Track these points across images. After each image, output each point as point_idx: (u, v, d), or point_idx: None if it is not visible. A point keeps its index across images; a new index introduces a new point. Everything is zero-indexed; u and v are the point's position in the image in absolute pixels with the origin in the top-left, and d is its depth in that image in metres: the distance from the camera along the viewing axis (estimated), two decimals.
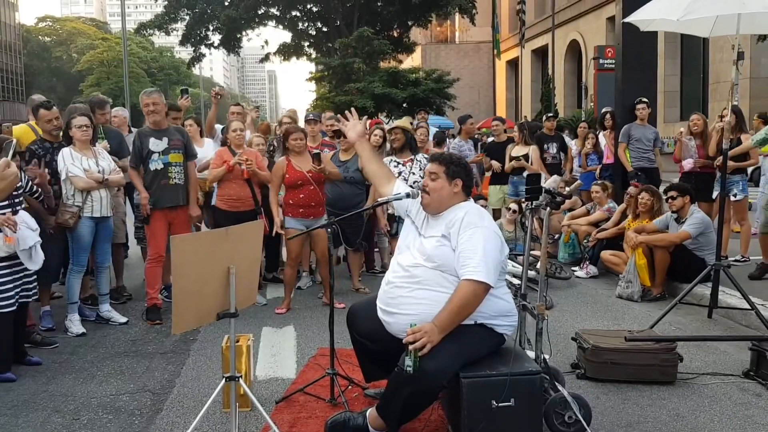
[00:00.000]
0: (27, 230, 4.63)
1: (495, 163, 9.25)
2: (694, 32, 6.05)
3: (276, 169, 6.38)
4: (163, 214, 5.98)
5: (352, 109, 4.29)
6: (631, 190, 7.85)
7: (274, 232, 6.24)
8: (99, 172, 5.69)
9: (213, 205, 6.62)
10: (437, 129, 12.16)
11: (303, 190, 6.16)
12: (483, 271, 3.27)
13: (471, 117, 10.34)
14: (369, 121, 10.15)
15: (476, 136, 10.73)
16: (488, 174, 9.97)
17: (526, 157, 9.00)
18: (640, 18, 5.83)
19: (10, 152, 3.70)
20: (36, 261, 4.71)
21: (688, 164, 8.13)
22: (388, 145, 7.64)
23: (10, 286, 4.58)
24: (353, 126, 4.10)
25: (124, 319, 5.95)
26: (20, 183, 4.76)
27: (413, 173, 6.72)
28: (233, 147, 6.39)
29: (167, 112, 6.66)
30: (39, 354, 4.99)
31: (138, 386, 4.44)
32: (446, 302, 3.32)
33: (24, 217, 4.68)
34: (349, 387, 4.17)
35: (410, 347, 3.18)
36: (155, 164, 5.95)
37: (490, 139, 11.00)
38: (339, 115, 4.33)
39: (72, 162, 5.58)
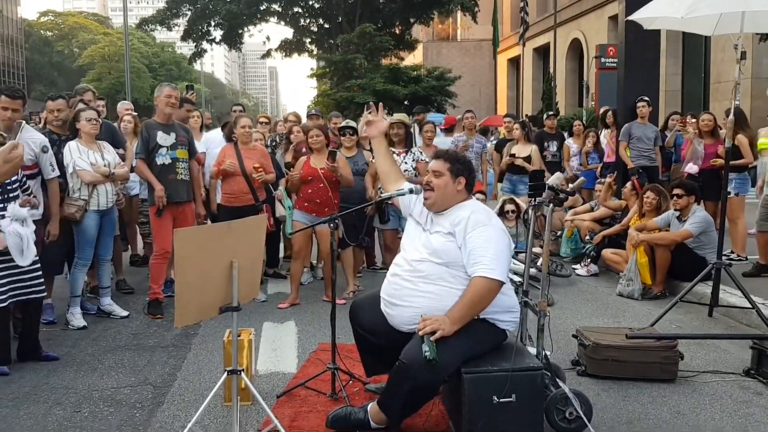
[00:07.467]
0: (16, 224, 4.45)
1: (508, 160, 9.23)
2: (697, 31, 6.05)
3: (297, 163, 6.51)
4: (169, 209, 5.96)
5: (380, 104, 4.29)
6: (629, 185, 7.86)
7: None
8: (105, 165, 5.70)
9: (218, 203, 6.66)
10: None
11: (312, 185, 6.25)
12: (497, 269, 3.32)
13: (470, 111, 10.17)
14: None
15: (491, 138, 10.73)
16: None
17: (528, 159, 9.00)
18: (643, 16, 5.83)
19: (18, 134, 3.67)
20: (27, 257, 4.51)
21: (692, 169, 8.14)
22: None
23: (4, 281, 4.49)
24: (377, 123, 4.07)
25: (125, 313, 5.95)
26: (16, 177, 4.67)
27: (405, 162, 6.94)
28: (240, 144, 6.43)
29: (182, 104, 6.76)
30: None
31: (139, 379, 4.44)
32: (459, 297, 3.35)
33: (14, 211, 4.50)
34: (350, 382, 4.18)
35: (421, 332, 3.20)
36: (163, 159, 5.94)
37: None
38: (371, 102, 4.35)
39: (79, 156, 5.58)
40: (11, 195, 4.57)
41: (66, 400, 4.09)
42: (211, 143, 7.39)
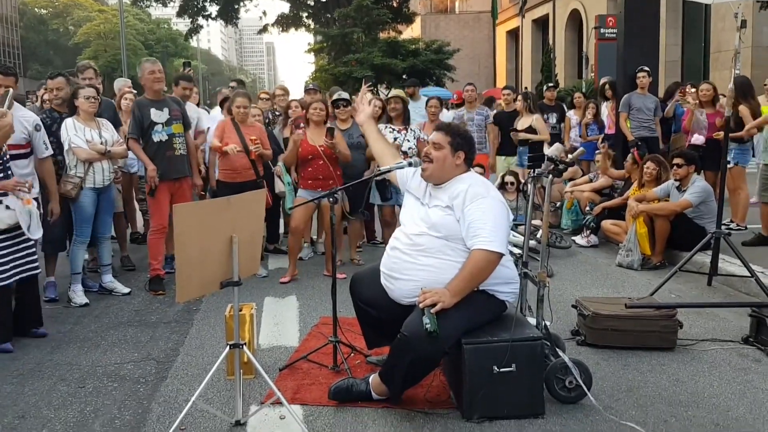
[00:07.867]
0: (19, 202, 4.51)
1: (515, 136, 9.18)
2: None
3: (293, 137, 6.46)
4: (167, 185, 5.96)
5: (363, 89, 4.34)
6: (629, 157, 7.85)
7: None
8: (102, 143, 5.68)
9: (218, 180, 6.64)
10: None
11: (312, 163, 6.23)
12: (496, 240, 3.33)
13: (471, 84, 10.16)
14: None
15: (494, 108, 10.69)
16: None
17: (530, 129, 8.96)
18: None
19: (6, 102, 3.62)
20: (35, 231, 4.65)
21: (698, 140, 8.10)
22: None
23: (8, 259, 4.53)
24: (363, 108, 4.17)
25: (126, 290, 5.98)
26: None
27: (408, 140, 6.89)
28: (237, 121, 6.38)
29: (178, 82, 6.71)
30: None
31: (142, 355, 4.48)
32: (459, 270, 3.36)
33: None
34: (352, 354, 4.22)
35: (421, 305, 3.23)
36: (159, 135, 5.91)
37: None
38: (355, 96, 4.51)
39: (75, 133, 5.56)
40: (8, 165, 4.56)
41: (70, 376, 4.12)
42: (218, 120, 7.36)
